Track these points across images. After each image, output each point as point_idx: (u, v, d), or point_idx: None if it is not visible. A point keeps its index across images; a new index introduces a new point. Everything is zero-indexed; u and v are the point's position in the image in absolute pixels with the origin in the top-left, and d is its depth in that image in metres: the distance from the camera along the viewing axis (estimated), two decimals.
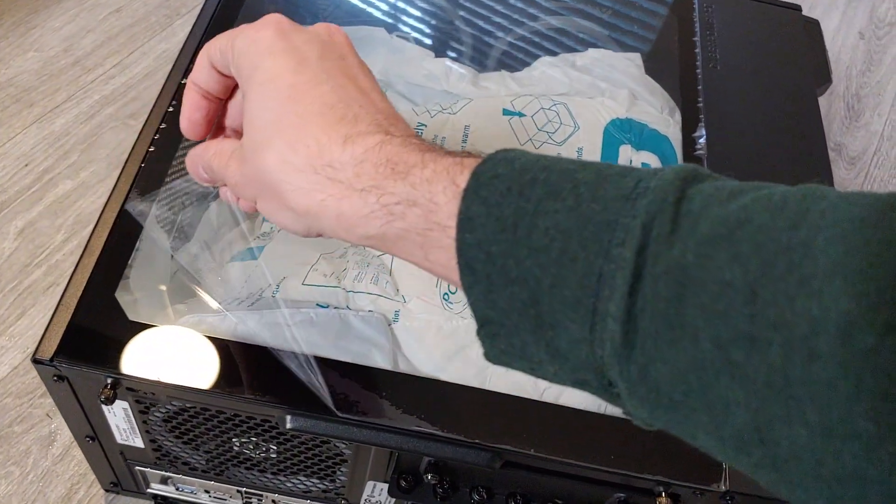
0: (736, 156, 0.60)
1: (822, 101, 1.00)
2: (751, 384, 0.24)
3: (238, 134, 0.41)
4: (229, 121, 0.41)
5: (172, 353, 0.46)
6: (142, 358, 0.46)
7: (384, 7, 0.71)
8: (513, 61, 0.68)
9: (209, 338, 0.47)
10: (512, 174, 0.29)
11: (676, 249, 0.25)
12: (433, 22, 0.70)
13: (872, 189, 0.94)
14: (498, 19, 0.71)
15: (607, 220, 0.26)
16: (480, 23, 0.70)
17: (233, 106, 0.41)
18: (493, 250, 0.28)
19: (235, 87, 0.40)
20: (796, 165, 0.60)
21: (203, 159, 0.40)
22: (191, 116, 0.40)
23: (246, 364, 0.46)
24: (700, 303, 0.24)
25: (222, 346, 0.47)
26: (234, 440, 0.51)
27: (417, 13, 0.70)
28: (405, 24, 0.70)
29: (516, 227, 0.28)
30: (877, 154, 0.97)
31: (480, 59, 0.68)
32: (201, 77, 0.39)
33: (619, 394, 0.27)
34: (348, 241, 0.34)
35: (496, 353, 0.30)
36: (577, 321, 0.27)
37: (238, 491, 0.58)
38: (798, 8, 0.73)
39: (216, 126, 0.42)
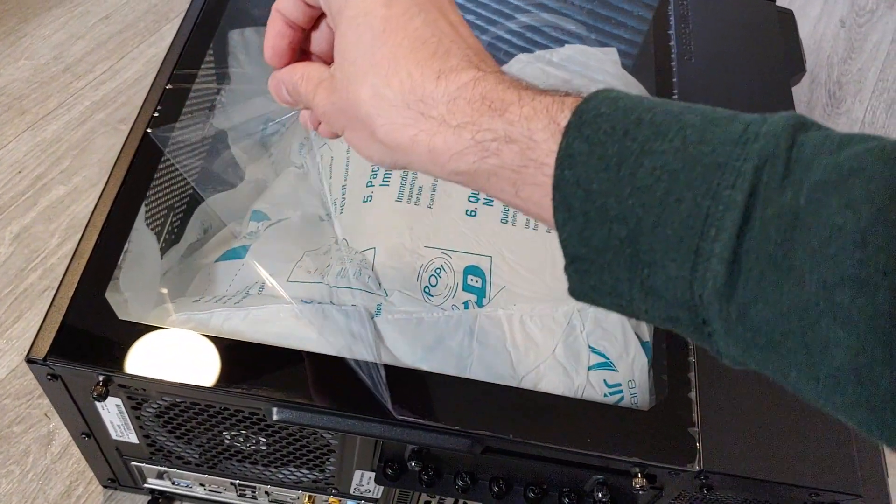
0: None
1: (803, 89, 1.01)
2: (854, 326, 0.24)
3: (322, 60, 0.41)
4: (314, 47, 0.41)
5: (162, 350, 0.48)
6: (132, 355, 0.47)
7: None
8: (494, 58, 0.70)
9: (197, 334, 0.49)
10: (616, 114, 0.29)
11: (788, 194, 0.26)
12: None
13: None
14: (476, 19, 0.73)
15: (717, 163, 0.27)
16: None
17: (317, 35, 0.40)
18: (594, 188, 0.28)
19: (320, 17, 0.40)
20: None
21: (289, 82, 0.40)
22: (275, 45, 0.40)
23: (233, 359, 0.48)
24: (810, 246, 0.25)
25: (210, 342, 0.48)
26: (224, 433, 0.52)
27: None
28: None
29: (620, 166, 0.28)
30: None
31: None
32: (287, 6, 0.39)
33: (710, 333, 0.28)
34: (437, 176, 0.34)
35: (584, 289, 0.31)
36: (678, 260, 0.27)
37: (232, 483, 0.59)
38: (772, 0, 0.74)
39: (300, 52, 0.41)
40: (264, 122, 0.73)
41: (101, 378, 0.47)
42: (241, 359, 0.48)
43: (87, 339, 0.48)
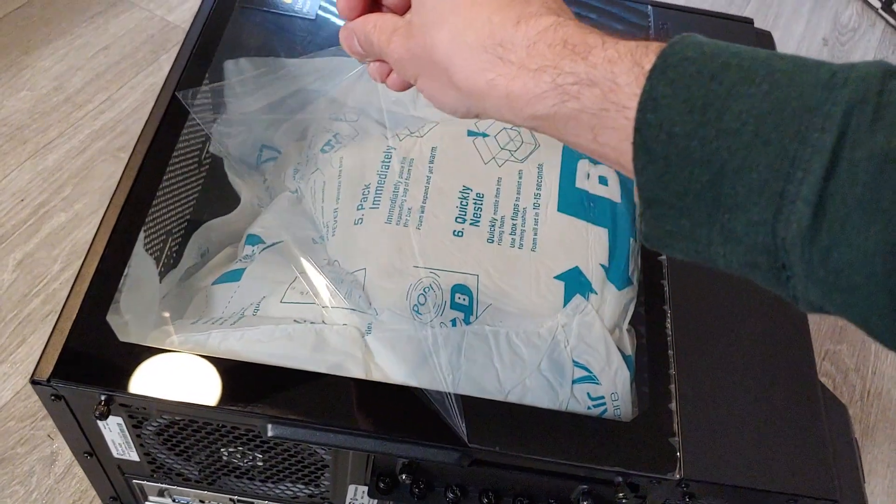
0: None
1: None
2: None
3: (392, 12, 0.41)
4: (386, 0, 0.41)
5: (161, 369, 0.50)
6: (132, 375, 0.49)
7: None
8: None
9: (194, 355, 0.51)
10: (702, 58, 0.29)
11: (879, 137, 0.26)
12: None
13: None
14: None
15: (805, 106, 0.27)
16: None
17: None
18: (677, 131, 0.28)
19: None
20: None
21: (361, 32, 0.40)
22: None
23: (229, 378, 0.50)
24: None
25: (207, 362, 0.50)
26: (222, 450, 0.54)
27: None
28: None
29: (706, 110, 0.28)
30: None
31: None
32: None
33: (789, 277, 0.28)
34: (513, 123, 0.34)
35: (659, 234, 0.31)
36: (761, 204, 0.27)
37: (231, 500, 0.61)
38: (750, 21, 0.76)
39: (371, 4, 0.41)
40: (260, 148, 0.75)
41: (102, 398, 0.49)
42: (236, 378, 0.50)
43: (89, 361, 0.50)
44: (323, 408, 0.49)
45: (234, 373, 0.50)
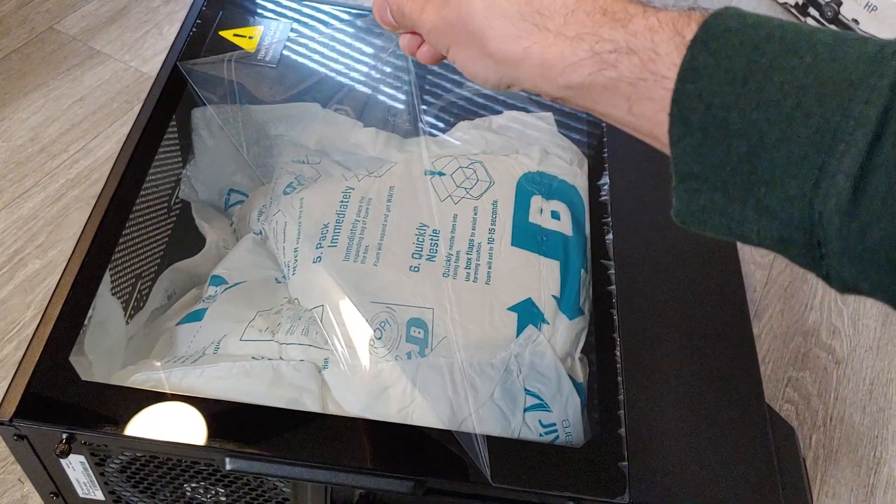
0: (637, 198, 0.66)
1: None
2: None
3: None
4: None
5: (121, 407, 0.51)
6: (93, 413, 0.50)
7: (319, 83, 0.78)
8: (437, 126, 0.75)
9: (155, 392, 0.52)
10: (745, 29, 0.29)
11: None
12: (362, 95, 0.77)
13: None
14: (428, 85, 0.78)
15: (849, 80, 0.26)
16: (402, 96, 0.76)
17: None
18: (716, 102, 0.28)
19: None
20: None
21: (395, 3, 0.40)
22: None
23: (188, 414, 0.51)
24: None
25: (167, 399, 0.52)
26: (185, 486, 0.55)
27: (348, 87, 0.77)
28: (338, 98, 0.76)
29: (746, 81, 0.28)
30: None
31: (405, 127, 0.74)
32: None
33: (823, 255, 0.28)
34: (546, 93, 0.34)
35: (692, 209, 0.30)
36: (800, 177, 0.27)
37: None
38: None
39: None
40: (227, 193, 0.77)
41: (64, 436, 0.50)
42: (196, 413, 0.51)
43: (50, 400, 0.51)
44: (280, 441, 0.51)
45: (194, 409, 0.52)
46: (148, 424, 0.50)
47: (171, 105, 0.70)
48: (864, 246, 0.26)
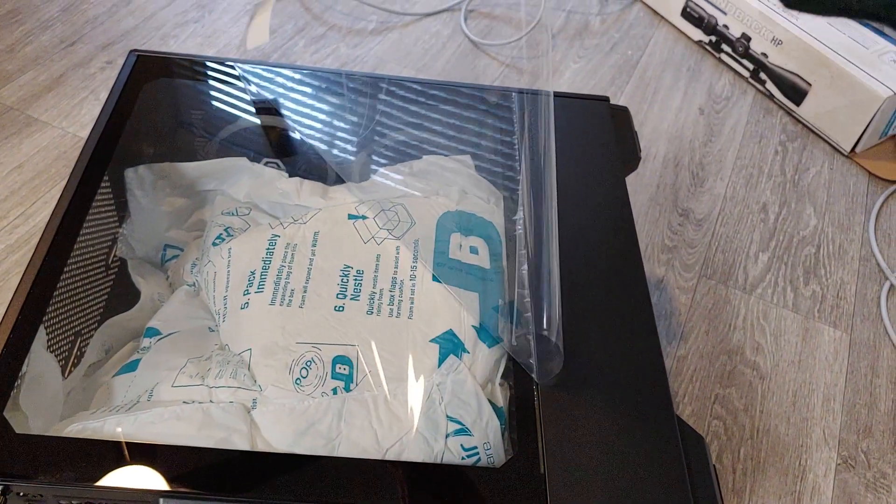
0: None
1: (668, 172, 1.12)
2: None
3: None
4: None
5: (57, 457, 0.53)
6: (27, 464, 0.52)
7: (246, 139, 0.81)
8: (361, 172, 0.78)
9: (90, 440, 0.54)
10: None
11: None
12: (289, 147, 0.80)
13: (719, 246, 1.05)
14: (350, 136, 0.81)
15: None
16: (324, 146, 0.80)
17: None
18: None
19: None
20: (605, 234, 0.70)
21: None
22: None
23: (122, 459, 0.53)
24: None
25: (101, 446, 0.54)
26: None
27: (275, 141, 0.80)
28: (264, 152, 0.80)
29: None
30: (721, 214, 1.09)
31: (330, 175, 0.78)
32: None
33: None
34: None
35: None
36: None
37: None
38: (606, 98, 0.84)
39: None
40: (163, 248, 0.80)
41: None
42: (130, 458, 0.53)
43: None
44: (212, 480, 0.53)
45: (128, 454, 0.54)
46: (82, 472, 0.52)
47: (102, 166, 0.73)
48: None
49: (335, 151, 0.81)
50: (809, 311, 0.99)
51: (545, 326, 0.62)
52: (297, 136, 0.82)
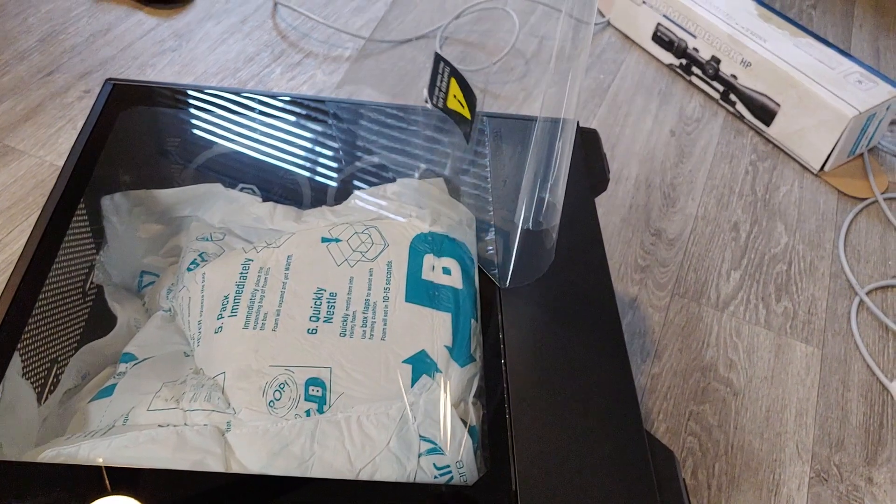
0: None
1: (640, 193, 1.14)
2: None
3: None
4: None
5: (31, 482, 0.53)
6: (1, 491, 0.52)
7: (222, 165, 0.82)
8: (336, 196, 0.79)
9: (64, 465, 0.54)
10: None
11: None
12: (264, 172, 0.81)
13: (691, 265, 1.06)
14: (329, 160, 0.83)
15: None
16: (299, 171, 0.81)
17: None
18: None
19: None
20: (574, 252, 0.72)
21: None
22: None
23: (98, 483, 0.53)
24: None
25: (77, 470, 0.54)
26: None
27: (250, 167, 0.81)
28: (240, 178, 0.81)
29: None
30: (693, 233, 1.10)
31: (305, 199, 0.79)
32: None
33: None
34: None
35: None
36: None
37: None
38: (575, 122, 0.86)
39: None
40: (140, 275, 0.80)
41: None
42: (105, 483, 0.54)
43: None
44: (186, 502, 0.53)
45: (103, 477, 0.54)
46: (56, 496, 0.52)
47: (77, 193, 0.74)
48: None
49: (310, 176, 0.82)
50: (781, 328, 1.00)
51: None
52: (272, 161, 0.83)
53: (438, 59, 0.71)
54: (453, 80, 0.72)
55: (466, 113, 0.72)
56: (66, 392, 0.68)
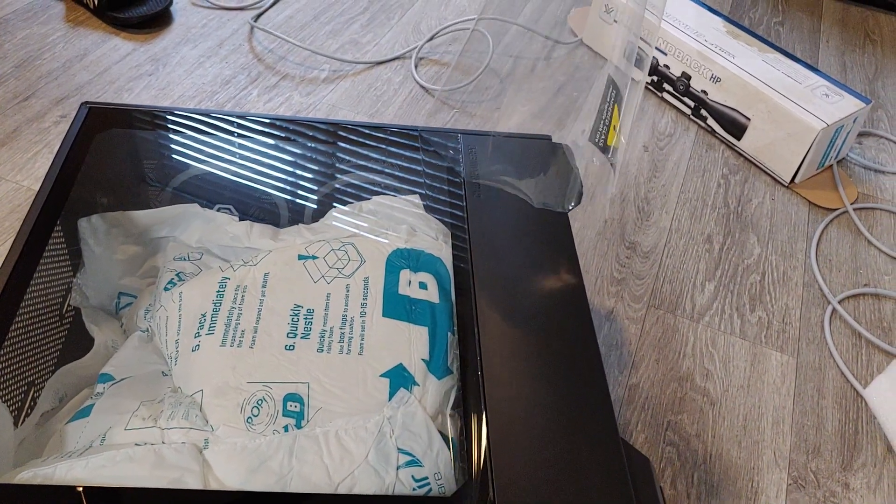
0: (498, 266, 0.71)
1: (615, 208, 1.15)
2: None
3: None
4: None
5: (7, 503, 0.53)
6: None
7: (198, 187, 0.83)
8: (311, 215, 0.80)
9: (41, 486, 0.54)
10: None
11: None
12: (241, 192, 0.82)
13: (666, 277, 1.08)
14: (310, 179, 0.83)
15: None
16: (276, 191, 0.82)
17: None
18: None
19: None
20: (548, 265, 0.72)
21: None
22: None
23: (74, 503, 0.53)
24: None
25: (53, 491, 0.54)
26: None
27: (227, 187, 0.82)
28: (217, 199, 0.81)
29: None
30: (667, 246, 1.12)
31: (283, 218, 0.79)
32: None
33: None
34: None
35: None
36: None
37: None
38: (548, 137, 0.87)
39: None
40: (118, 296, 0.80)
41: None
42: (83, 502, 0.54)
43: None
44: None
45: (81, 499, 0.54)
46: None
47: (53, 216, 0.74)
48: None
49: (287, 196, 0.83)
50: (756, 337, 1.02)
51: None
52: (249, 182, 0.83)
53: (610, 83, 0.64)
54: (616, 108, 0.68)
55: (616, 142, 0.70)
56: (43, 414, 0.68)
